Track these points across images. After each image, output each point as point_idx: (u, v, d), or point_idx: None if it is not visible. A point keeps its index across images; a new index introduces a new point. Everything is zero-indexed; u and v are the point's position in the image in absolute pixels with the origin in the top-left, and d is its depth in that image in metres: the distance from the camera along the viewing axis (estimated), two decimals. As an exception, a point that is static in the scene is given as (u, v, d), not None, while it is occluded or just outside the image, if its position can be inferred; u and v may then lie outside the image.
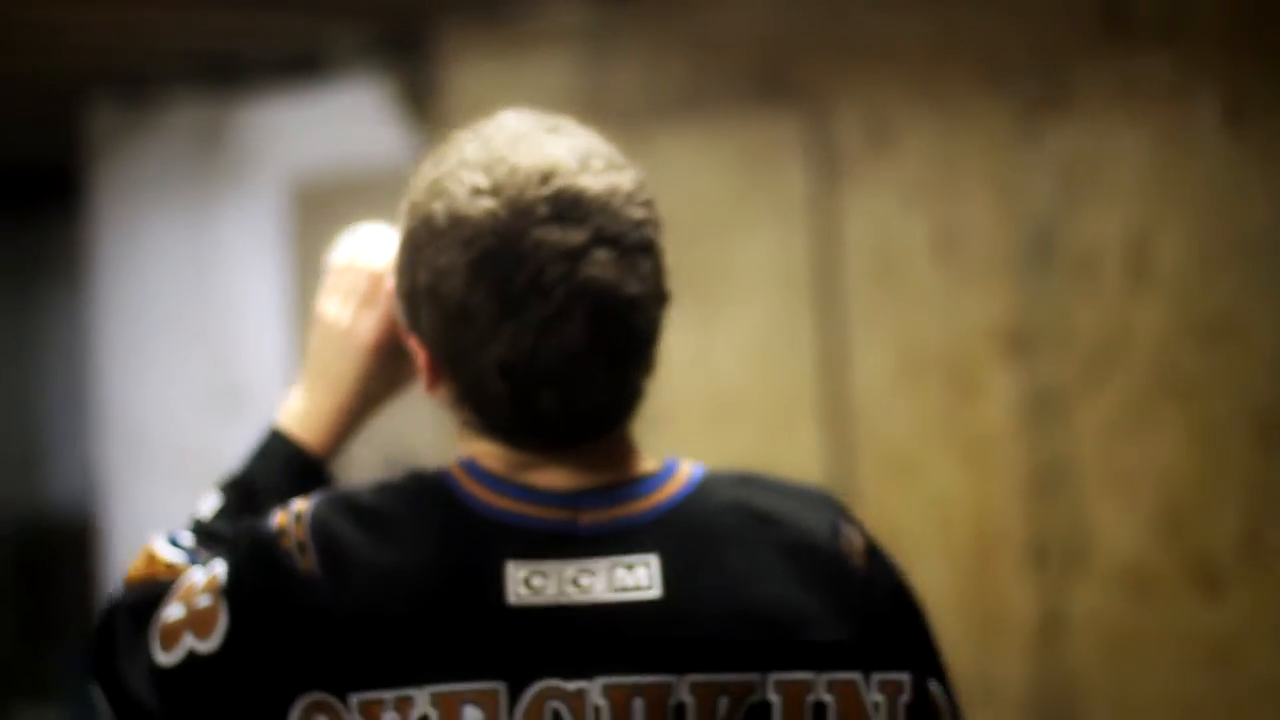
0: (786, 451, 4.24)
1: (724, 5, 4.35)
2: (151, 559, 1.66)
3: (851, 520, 1.60)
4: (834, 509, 1.59)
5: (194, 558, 1.65)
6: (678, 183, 4.41)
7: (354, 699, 1.45)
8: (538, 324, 1.47)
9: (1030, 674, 3.99)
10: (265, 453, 1.76)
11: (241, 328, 5.45)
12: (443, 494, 1.52)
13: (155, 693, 1.54)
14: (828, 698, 1.49)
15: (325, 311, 1.77)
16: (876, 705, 1.51)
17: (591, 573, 1.48)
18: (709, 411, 4.34)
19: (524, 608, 1.46)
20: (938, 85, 4.09)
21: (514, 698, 1.45)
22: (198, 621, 1.53)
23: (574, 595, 1.47)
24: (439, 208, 1.49)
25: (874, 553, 1.59)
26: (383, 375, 1.76)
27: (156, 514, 5.42)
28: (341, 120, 5.26)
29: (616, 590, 1.48)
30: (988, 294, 4.03)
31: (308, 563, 1.49)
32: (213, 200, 5.57)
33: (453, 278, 1.47)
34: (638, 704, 1.45)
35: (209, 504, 1.72)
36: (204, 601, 1.54)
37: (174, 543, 1.68)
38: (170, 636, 1.54)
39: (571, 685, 1.45)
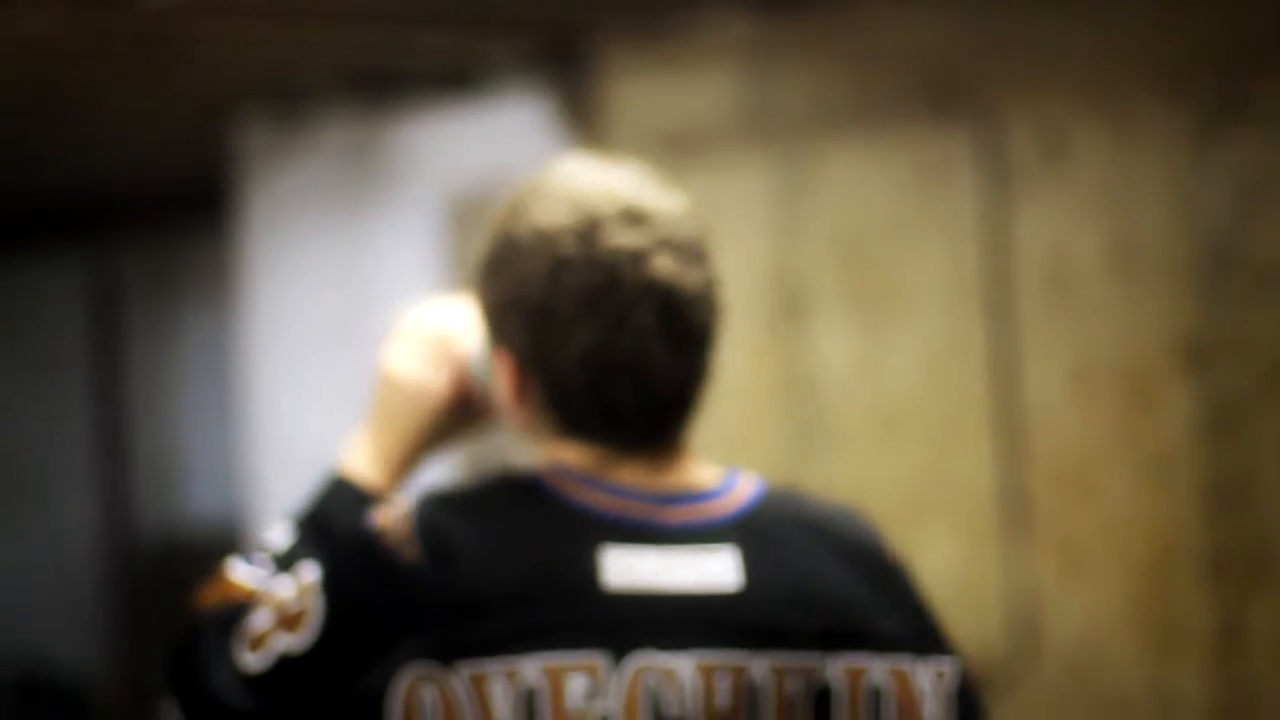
0: (958, 466, 4.22)
1: (892, 18, 4.33)
2: (227, 582, 1.80)
3: (882, 532, 1.83)
4: (869, 521, 1.82)
5: (271, 579, 1.78)
6: (845, 196, 4.41)
7: (464, 670, 1.60)
8: (613, 317, 1.70)
9: (1209, 688, 3.95)
10: (334, 493, 1.90)
11: (396, 342, 5.46)
12: (536, 490, 1.70)
13: (249, 698, 1.67)
14: (884, 682, 1.69)
15: (397, 367, 1.94)
16: (926, 691, 1.70)
17: (678, 563, 1.67)
18: (878, 427, 4.33)
19: (621, 590, 1.64)
20: (1111, 97, 4.07)
21: (615, 670, 1.62)
22: (288, 623, 1.68)
23: (664, 581, 1.65)
24: (521, 227, 1.74)
25: (903, 560, 1.81)
26: (445, 429, 1.94)
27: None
28: (498, 135, 5.27)
29: (700, 579, 1.67)
30: (1165, 306, 4.00)
31: (413, 554, 1.64)
32: (366, 216, 5.59)
33: (537, 283, 1.71)
34: (722, 682, 1.64)
35: (281, 535, 1.84)
36: (295, 605, 1.69)
37: (249, 567, 1.81)
38: (259, 643, 1.68)
39: (666, 661, 1.63)
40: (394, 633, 1.63)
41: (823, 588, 1.71)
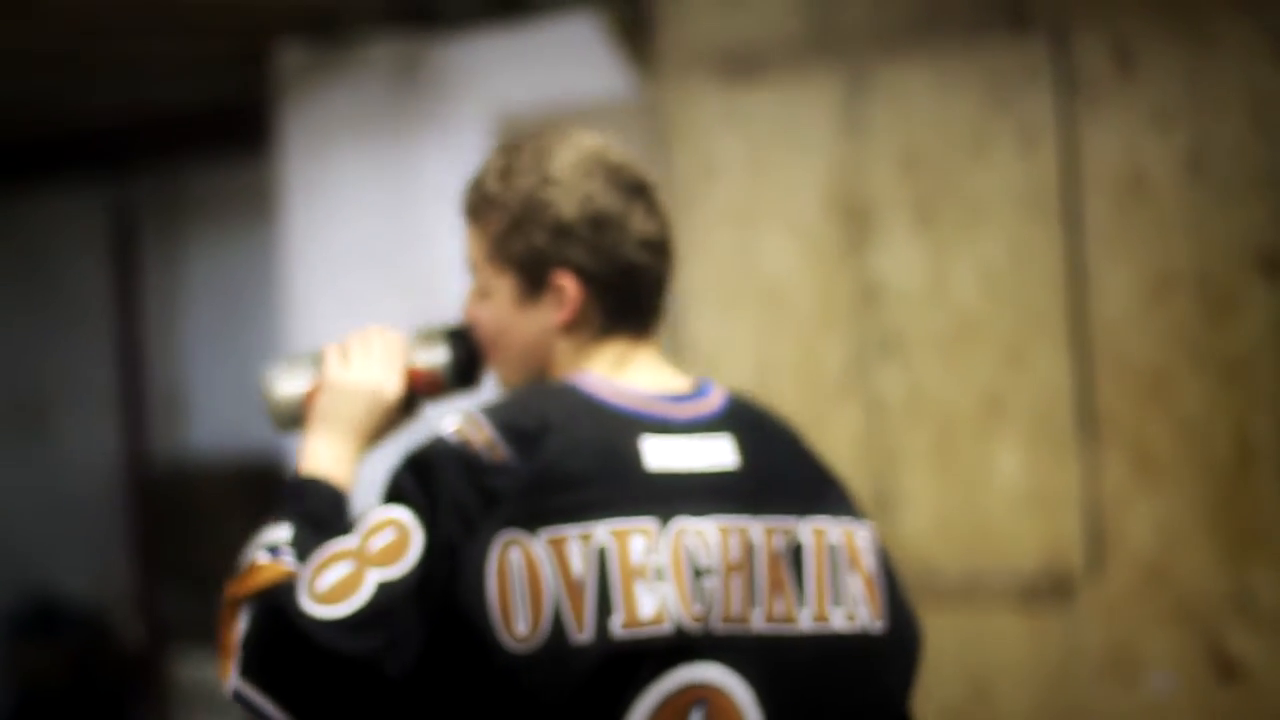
0: (1031, 375, 4.27)
1: (962, -69, 4.37)
2: (263, 569, 2.07)
3: None
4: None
5: (297, 560, 2.08)
6: (914, 110, 4.44)
7: (544, 534, 1.97)
8: (648, 205, 2.14)
9: (1285, 592, 4.04)
10: (315, 494, 2.19)
11: (443, 264, 5.45)
12: (576, 394, 2.08)
13: (355, 638, 1.96)
14: (838, 540, 2.11)
15: (346, 377, 2.25)
16: (863, 548, 2.13)
17: (693, 448, 2.07)
18: (950, 336, 4.37)
19: (658, 470, 2.03)
20: (1185, 7, 4.11)
21: (663, 532, 2.00)
22: (378, 559, 1.98)
23: (687, 463, 2.05)
24: (543, 172, 2.13)
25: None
26: (393, 422, 2.28)
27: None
28: (550, 55, 5.27)
29: (710, 461, 2.07)
30: (1240, 215, 4.06)
31: (499, 454, 2.00)
32: (412, 137, 5.57)
33: (594, 195, 2.11)
34: (734, 539, 2.04)
35: (282, 533, 2.12)
36: (379, 542, 2.00)
37: (275, 555, 2.09)
38: (339, 593, 1.98)
39: (697, 524, 2.03)
40: (492, 514, 1.97)
41: (790, 467, 2.14)
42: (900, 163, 4.45)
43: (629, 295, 2.14)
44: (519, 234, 2.14)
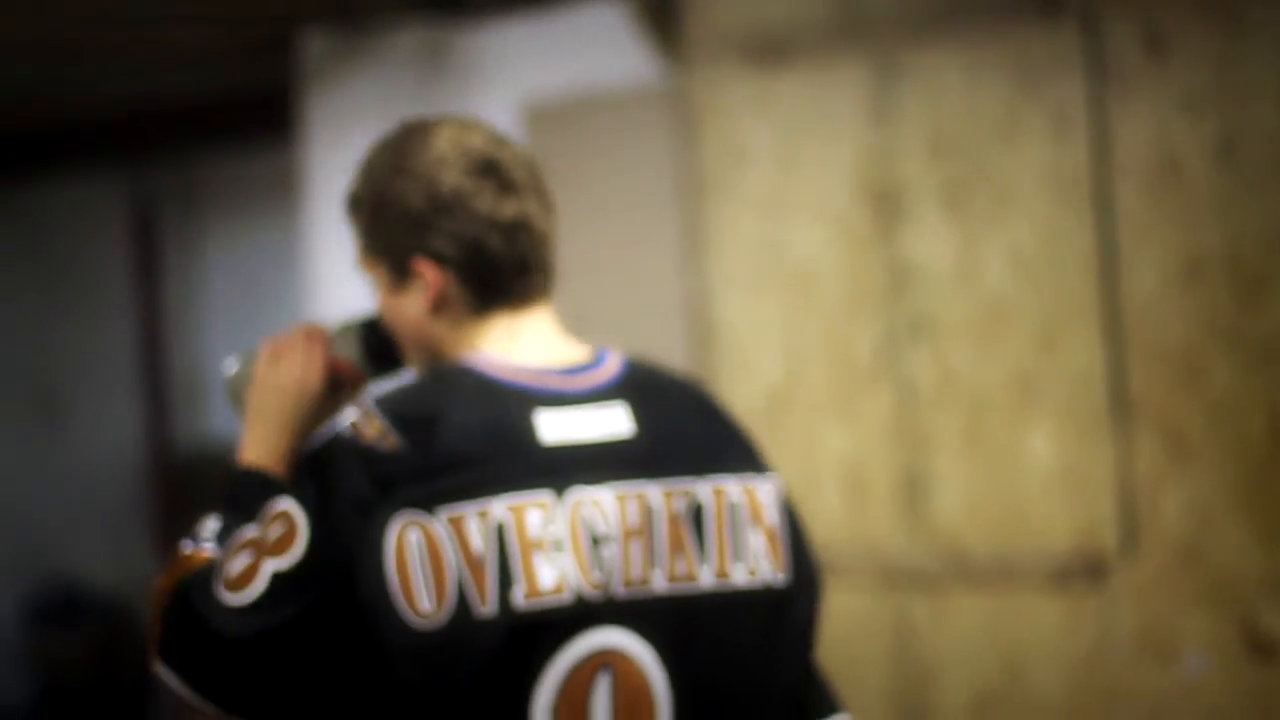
0: (1063, 358, 4.29)
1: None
2: (185, 558, 2.17)
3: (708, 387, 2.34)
4: (698, 380, 2.35)
5: (225, 542, 2.16)
6: (944, 96, 4.46)
7: (442, 513, 2.03)
8: (495, 187, 2.16)
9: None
10: (243, 484, 2.25)
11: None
12: (470, 374, 2.14)
13: (250, 623, 2.05)
14: (738, 497, 2.17)
15: (272, 375, 2.33)
16: (766, 502, 2.19)
17: (588, 418, 2.13)
18: (980, 321, 4.39)
19: (554, 443, 2.09)
20: (1216, -8, 4.14)
21: (559, 504, 2.07)
22: (271, 550, 2.06)
23: (582, 434, 2.11)
24: (405, 158, 2.20)
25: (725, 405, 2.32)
26: (320, 410, 2.32)
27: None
28: (576, 42, 5.28)
29: (605, 430, 2.13)
30: (1270, 198, 4.07)
31: (391, 442, 2.06)
32: (438, 124, 5.57)
33: (443, 180, 2.16)
34: (631, 505, 2.10)
35: (212, 523, 2.21)
36: (272, 534, 2.07)
37: (198, 543, 2.18)
38: (241, 581, 2.07)
39: (593, 494, 2.09)
40: (384, 499, 2.04)
41: (688, 428, 2.19)
42: (930, 148, 4.47)
43: (489, 274, 2.19)
44: (379, 227, 2.22)
